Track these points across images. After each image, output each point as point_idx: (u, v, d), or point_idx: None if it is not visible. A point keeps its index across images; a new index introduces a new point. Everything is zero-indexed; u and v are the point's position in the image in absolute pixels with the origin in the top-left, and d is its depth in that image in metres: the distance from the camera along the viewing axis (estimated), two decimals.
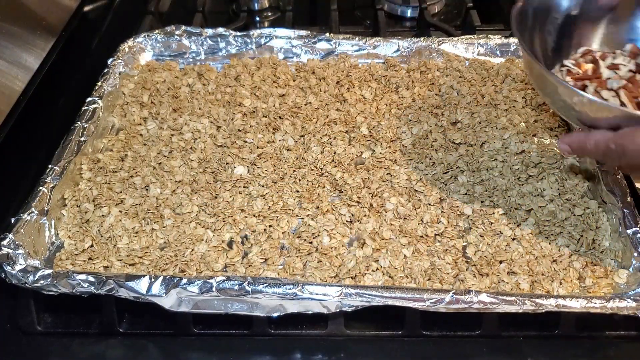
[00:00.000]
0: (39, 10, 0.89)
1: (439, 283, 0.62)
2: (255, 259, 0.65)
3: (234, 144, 0.79)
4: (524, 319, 0.58)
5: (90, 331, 0.61)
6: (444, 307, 0.56)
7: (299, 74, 0.91)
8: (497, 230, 0.67)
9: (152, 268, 0.64)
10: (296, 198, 0.72)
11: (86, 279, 0.58)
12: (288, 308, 0.57)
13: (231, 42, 0.95)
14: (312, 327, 0.61)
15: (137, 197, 0.72)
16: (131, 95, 0.87)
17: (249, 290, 0.57)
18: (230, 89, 0.88)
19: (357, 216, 0.69)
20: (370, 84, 0.89)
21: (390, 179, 0.74)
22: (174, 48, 0.96)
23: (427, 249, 0.66)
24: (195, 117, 0.83)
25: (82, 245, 0.66)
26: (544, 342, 0.61)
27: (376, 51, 0.94)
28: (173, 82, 0.89)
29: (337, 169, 0.75)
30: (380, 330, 0.61)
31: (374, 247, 0.66)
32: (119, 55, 0.91)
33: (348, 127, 0.81)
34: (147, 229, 0.68)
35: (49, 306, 0.62)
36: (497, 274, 0.63)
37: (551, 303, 0.56)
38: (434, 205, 0.70)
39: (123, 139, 0.80)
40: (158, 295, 0.57)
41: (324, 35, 0.95)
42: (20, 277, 0.58)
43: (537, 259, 0.65)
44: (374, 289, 0.57)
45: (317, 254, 0.65)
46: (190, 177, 0.74)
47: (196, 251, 0.66)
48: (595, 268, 0.64)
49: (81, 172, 0.74)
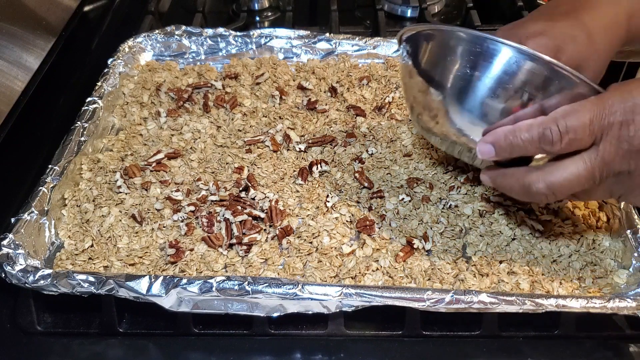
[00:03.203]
0: (39, 10, 0.89)
1: (439, 283, 0.62)
2: (255, 259, 0.65)
3: (234, 144, 0.79)
4: (524, 319, 0.58)
5: (90, 331, 0.61)
6: (444, 307, 0.56)
7: (299, 74, 0.91)
8: (497, 230, 0.67)
9: (152, 268, 0.64)
10: (296, 198, 0.72)
11: (86, 279, 0.58)
12: (288, 308, 0.57)
13: (231, 42, 0.95)
14: (312, 327, 0.61)
15: (137, 197, 0.72)
16: (131, 95, 0.87)
17: (249, 290, 0.57)
18: (230, 88, 0.88)
19: (356, 216, 0.69)
20: (371, 84, 0.89)
21: (390, 179, 0.74)
22: (174, 48, 0.96)
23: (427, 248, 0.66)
24: (195, 117, 0.84)
25: (82, 245, 0.66)
26: (544, 342, 0.61)
27: (376, 51, 0.94)
28: (173, 82, 0.89)
29: (337, 169, 0.75)
30: (380, 330, 0.61)
31: (374, 247, 0.66)
32: (119, 55, 0.91)
33: (348, 127, 0.81)
34: (147, 229, 0.68)
35: (49, 306, 0.62)
36: (497, 274, 0.63)
37: (551, 303, 0.56)
38: (434, 205, 0.70)
39: (123, 139, 0.80)
40: (158, 295, 0.57)
41: (324, 35, 0.95)
42: (20, 277, 0.58)
43: (537, 259, 0.65)
44: (374, 289, 0.57)
45: (317, 254, 0.65)
46: (191, 177, 0.74)
47: (196, 251, 0.66)
48: (595, 268, 0.64)
49: (81, 172, 0.74)
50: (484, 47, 0.54)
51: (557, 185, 0.51)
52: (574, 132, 0.49)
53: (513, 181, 0.54)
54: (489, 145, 0.53)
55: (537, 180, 0.52)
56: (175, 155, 0.77)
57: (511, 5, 1.09)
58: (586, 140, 0.49)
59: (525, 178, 0.53)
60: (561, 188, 0.51)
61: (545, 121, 0.50)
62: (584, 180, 0.51)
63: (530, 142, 0.51)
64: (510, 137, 0.51)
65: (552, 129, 0.49)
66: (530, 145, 0.51)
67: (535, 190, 0.52)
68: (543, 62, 0.51)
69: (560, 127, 0.49)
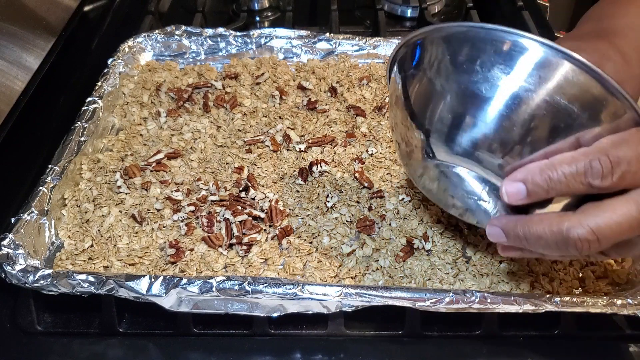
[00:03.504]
0: (39, 10, 0.89)
1: (439, 283, 0.62)
2: (255, 259, 0.65)
3: (234, 144, 0.79)
4: (524, 319, 0.58)
5: (90, 331, 0.61)
6: (444, 307, 0.56)
7: (299, 74, 0.91)
8: None
9: (152, 268, 0.64)
10: (296, 198, 0.72)
11: (86, 279, 0.58)
12: (288, 308, 0.57)
13: (231, 42, 0.95)
14: (312, 327, 0.61)
15: (137, 197, 0.72)
16: (131, 95, 0.87)
17: (249, 290, 0.57)
18: (230, 88, 0.88)
19: (356, 216, 0.69)
20: (371, 84, 0.89)
21: (390, 179, 0.74)
22: (174, 48, 0.96)
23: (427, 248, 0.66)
24: (195, 117, 0.84)
25: (82, 245, 0.66)
26: (544, 342, 0.61)
27: (376, 51, 0.94)
28: (173, 82, 0.89)
29: (337, 169, 0.75)
30: (380, 330, 0.61)
31: (374, 247, 0.66)
32: (119, 55, 0.91)
33: (348, 127, 0.81)
34: (147, 229, 0.68)
35: (49, 306, 0.62)
36: (497, 274, 0.63)
37: (551, 303, 0.56)
38: (434, 205, 0.70)
39: (123, 139, 0.80)
40: (158, 295, 0.57)
41: (324, 35, 0.95)
42: (20, 277, 0.58)
43: (537, 259, 0.65)
44: (374, 289, 0.57)
45: (317, 254, 0.65)
46: (191, 177, 0.74)
47: (196, 251, 0.66)
48: (595, 268, 0.64)
49: (81, 172, 0.74)
50: (521, 49, 0.42)
51: (605, 230, 0.42)
52: (627, 164, 0.41)
53: (541, 228, 0.44)
54: (518, 183, 0.43)
55: (577, 224, 0.43)
56: (175, 155, 0.77)
57: (511, 5, 1.09)
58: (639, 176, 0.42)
59: (561, 223, 0.43)
60: (609, 233, 0.43)
61: (592, 151, 0.41)
62: (637, 223, 0.42)
63: (574, 177, 0.42)
64: (548, 172, 0.42)
65: (601, 159, 0.41)
66: (574, 181, 0.42)
67: (575, 236, 0.43)
68: (602, 79, 0.41)
69: (611, 158, 0.41)
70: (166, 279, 0.57)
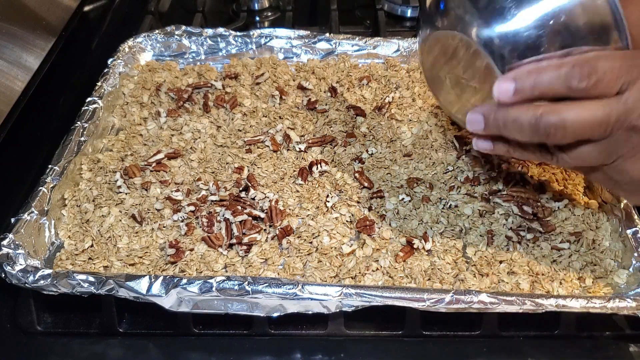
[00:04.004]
0: (39, 10, 0.89)
1: (439, 283, 0.62)
2: (255, 259, 0.65)
3: (234, 144, 0.79)
4: (524, 319, 0.58)
5: (90, 331, 0.61)
6: (444, 307, 0.56)
7: (299, 74, 0.91)
8: (497, 230, 0.67)
9: (152, 268, 0.64)
10: (296, 198, 0.72)
11: (86, 279, 0.58)
12: (288, 308, 0.57)
13: (231, 42, 0.95)
14: (312, 327, 0.61)
15: (137, 197, 0.72)
16: (131, 95, 0.87)
17: (249, 290, 0.57)
18: (230, 88, 0.88)
19: (356, 216, 0.69)
20: (370, 84, 0.89)
21: (390, 179, 0.74)
22: (174, 48, 0.96)
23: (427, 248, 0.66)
24: (195, 117, 0.84)
25: (82, 245, 0.66)
26: (544, 342, 0.61)
27: (376, 51, 0.94)
28: (173, 82, 0.89)
29: (337, 169, 0.75)
30: (380, 330, 0.61)
31: (374, 247, 0.66)
32: (119, 55, 0.91)
33: (348, 127, 0.81)
34: (147, 229, 0.68)
35: (49, 306, 0.62)
36: (497, 274, 0.63)
37: (551, 303, 0.56)
38: (434, 205, 0.70)
39: (123, 139, 0.80)
40: (158, 295, 0.57)
41: (324, 35, 0.95)
42: (20, 277, 0.58)
43: (537, 259, 0.65)
44: (374, 289, 0.57)
45: (317, 254, 0.65)
46: (191, 177, 0.74)
47: (196, 251, 0.66)
48: (595, 268, 0.64)
49: (81, 172, 0.74)
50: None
51: (571, 122, 0.48)
52: (602, 74, 0.47)
53: (519, 112, 0.50)
54: (509, 81, 0.49)
55: (550, 111, 0.48)
56: (175, 155, 0.77)
57: None
58: (612, 86, 0.47)
59: (537, 109, 0.49)
60: (576, 126, 0.48)
61: (576, 60, 0.48)
62: (599, 123, 0.48)
63: (557, 79, 0.48)
64: (536, 73, 0.48)
65: (582, 66, 0.47)
66: (556, 82, 0.48)
67: (545, 122, 0.48)
68: (615, 10, 0.48)
69: (591, 65, 0.47)
70: (166, 279, 0.57)
